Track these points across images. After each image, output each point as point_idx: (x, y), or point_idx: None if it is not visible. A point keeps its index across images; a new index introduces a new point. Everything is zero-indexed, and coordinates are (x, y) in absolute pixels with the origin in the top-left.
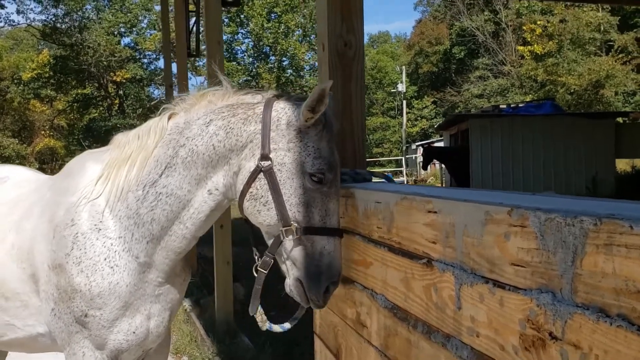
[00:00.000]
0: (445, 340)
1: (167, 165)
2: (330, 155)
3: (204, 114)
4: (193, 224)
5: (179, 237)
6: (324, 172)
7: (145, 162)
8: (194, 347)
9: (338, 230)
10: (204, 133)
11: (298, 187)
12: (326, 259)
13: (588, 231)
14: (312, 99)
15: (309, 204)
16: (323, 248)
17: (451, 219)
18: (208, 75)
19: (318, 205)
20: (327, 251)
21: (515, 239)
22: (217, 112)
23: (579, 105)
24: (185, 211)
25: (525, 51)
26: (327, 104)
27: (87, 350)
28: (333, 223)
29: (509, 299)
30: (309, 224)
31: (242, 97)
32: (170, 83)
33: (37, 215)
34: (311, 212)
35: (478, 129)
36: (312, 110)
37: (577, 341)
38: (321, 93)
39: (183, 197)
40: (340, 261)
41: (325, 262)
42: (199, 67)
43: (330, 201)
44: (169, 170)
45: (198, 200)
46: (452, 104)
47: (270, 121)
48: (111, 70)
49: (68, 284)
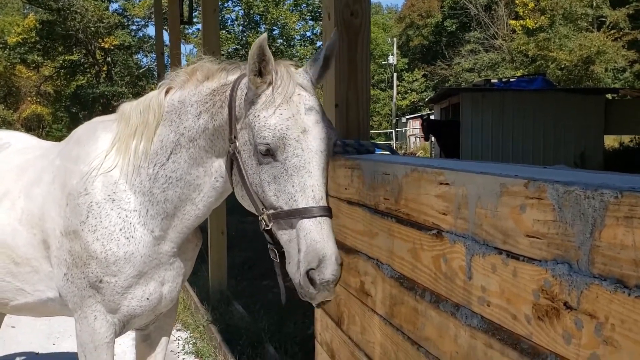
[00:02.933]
0: (455, 310)
1: (172, 151)
2: (281, 123)
3: (195, 101)
4: (204, 205)
5: (192, 217)
6: (267, 142)
7: (151, 141)
8: (187, 314)
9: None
10: (197, 126)
11: (256, 166)
12: (303, 243)
13: (608, 204)
14: (250, 60)
15: (269, 184)
16: (299, 231)
17: (464, 190)
18: (204, 45)
19: (281, 184)
20: (303, 234)
21: (531, 210)
22: (204, 102)
23: (569, 81)
24: (196, 194)
25: (517, 25)
26: (271, 60)
27: (99, 314)
28: (303, 202)
29: (523, 269)
30: (273, 208)
31: (224, 75)
32: (162, 51)
33: (48, 182)
34: (275, 194)
35: (469, 102)
36: (259, 74)
37: (593, 311)
38: (258, 49)
39: (193, 182)
40: (324, 244)
41: (303, 247)
42: (189, 34)
43: (296, 177)
44: (175, 156)
45: (207, 186)
46: (443, 78)
47: (235, 101)
48: (99, 36)
49: (84, 250)
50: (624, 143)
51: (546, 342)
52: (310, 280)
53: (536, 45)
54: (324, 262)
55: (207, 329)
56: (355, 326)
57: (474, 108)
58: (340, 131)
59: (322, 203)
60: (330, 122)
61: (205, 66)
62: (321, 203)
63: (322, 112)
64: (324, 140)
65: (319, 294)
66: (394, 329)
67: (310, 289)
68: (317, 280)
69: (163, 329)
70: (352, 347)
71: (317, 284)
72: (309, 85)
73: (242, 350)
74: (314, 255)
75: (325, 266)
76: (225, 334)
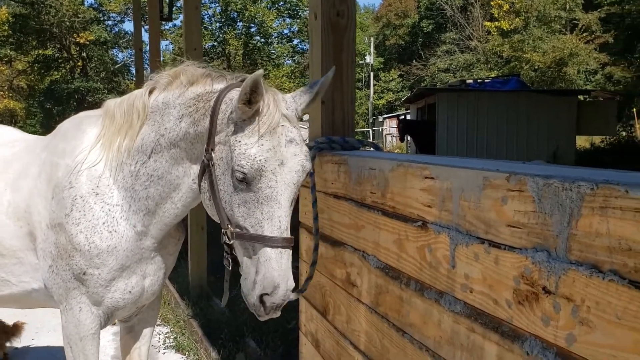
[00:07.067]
0: (439, 297)
1: (153, 150)
2: (261, 155)
3: (179, 104)
4: (183, 205)
5: (172, 215)
6: (244, 172)
7: (134, 139)
8: (168, 310)
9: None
10: (178, 129)
11: (229, 185)
12: (261, 268)
13: (585, 195)
14: (243, 91)
15: (239, 206)
16: (260, 255)
17: (448, 184)
18: (185, 42)
19: (250, 209)
20: (264, 260)
21: (512, 202)
22: (187, 105)
23: (542, 82)
24: (175, 193)
25: (492, 27)
26: (262, 93)
27: (84, 306)
28: (268, 231)
29: (504, 257)
30: (239, 227)
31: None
32: (140, 47)
33: (34, 175)
34: (243, 216)
35: (445, 102)
36: (247, 102)
37: (570, 294)
38: (253, 83)
39: (173, 181)
40: (281, 273)
41: (261, 271)
42: (165, 30)
43: (266, 206)
44: (156, 155)
45: (185, 186)
46: (419, 78)
47: (218, 114)
48: (74, 31)
49: (68, 242)
50: (594, 143)
51: (526, 324)
52: (262, 303)
53: (510, 46)
54: (277, 290)
55: (188, 324)
56: (340, 316)
57: (449, 108)
58: (326, 128)
59: (285, 234)
60: (308, 153)
61: (189, 70)
62: (284, 234)
63: (302, 142)
64: (298, 172)
65: (268, 314)
66: (380, 317)
67: (260, 310)
68: (268, 304)
69: (147, 321)
70: (337, 336)
71: (268, 306)
72: (293, 116)
73: (223, 344)
74: (270, 282)
75: (277, 293)
76: (206, 328)
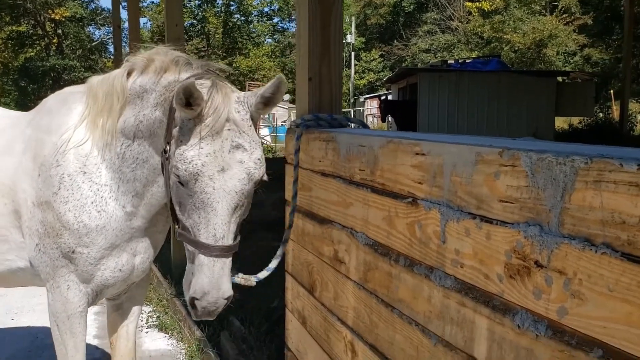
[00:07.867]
0: (429, 272)
1: (135, 135)
2: (198, 158)
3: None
4: None
5: (159, 197)
6: (178, 174)
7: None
8: (150, 289)
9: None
10: (154, 117)
11: (174, 183)
12: (195, 272)
13: (579, 169)
14: (177, 96)
15: (182, 205)
16: (196, 260)
17: (440, 160)
18: (166, 20)
19: (189, 211)
20: (197, 264)
21: (505, 177)
22: (160, 93)
23: (522, 63)
24: (160, 177)
25: (473, 7)
26: (201, 97)
27: (72, 284)
28: (204, 237)
29: (496, 232)
30: (183, 227)
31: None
32: (118, 24)
33: (19, 152)
34: (184, 215)
35: (427, 82)
36: (185, 104)
37: (562, 268)
38: (184, 91)
39: (157, 166)
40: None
41: (195, 275)
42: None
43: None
44: (139, 140)
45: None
46: (400, 58)
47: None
48: (49, 7)
49: (56, 220)
50: (573, 124)
51: (517, 298)
52: (192, 305)
53: (491, 27)
54: (205, 296)
55: (171, 303)
56: (328, 293)
57: (431, 88)
58: (314, 105)
59: (221, 242)
60: (261, 160)
61: (159, 57)
62: (220, 242)
63: (254, 148)
64: (242, 180)
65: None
66: (368, 293)
67: (192, 311)
68: (199, 308)
69: (135, 298)
70: (324, 312)
71: (199, 310)
72: (243, 120)
73: (207, 323)
74: (200, 288)
75: (205, 299)
76: None
